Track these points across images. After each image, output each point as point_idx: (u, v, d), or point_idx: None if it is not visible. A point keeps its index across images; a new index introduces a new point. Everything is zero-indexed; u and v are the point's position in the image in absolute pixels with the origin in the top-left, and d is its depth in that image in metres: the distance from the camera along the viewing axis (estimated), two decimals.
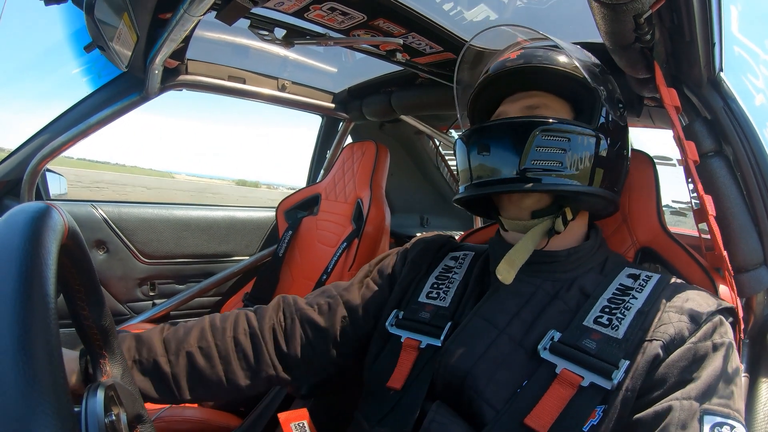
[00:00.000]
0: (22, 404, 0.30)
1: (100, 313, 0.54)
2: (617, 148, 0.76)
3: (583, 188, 0.71)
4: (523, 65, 0.78)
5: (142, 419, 0.56)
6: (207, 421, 1.34)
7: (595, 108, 0.74)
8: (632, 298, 0.66)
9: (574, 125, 0.72)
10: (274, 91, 1.94)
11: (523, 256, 0.71)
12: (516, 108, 0.79)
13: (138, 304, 1.92)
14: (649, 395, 0.58)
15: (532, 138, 0.69)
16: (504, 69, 0.79)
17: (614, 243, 0.91)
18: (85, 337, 0.54)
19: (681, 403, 0.54)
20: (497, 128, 0.75)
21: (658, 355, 0.58)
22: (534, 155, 0.69)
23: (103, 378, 0.55)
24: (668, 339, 0.59)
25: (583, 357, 0.61)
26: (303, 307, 0.86)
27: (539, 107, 0.77)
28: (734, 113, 0.85)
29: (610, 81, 0.80)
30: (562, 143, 0.70)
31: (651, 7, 0.64)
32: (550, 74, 0.77)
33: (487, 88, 0.84)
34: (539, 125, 0.70)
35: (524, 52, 0.80)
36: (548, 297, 0.71)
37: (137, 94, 1.63)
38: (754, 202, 0.85)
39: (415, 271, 0.87)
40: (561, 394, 0.59)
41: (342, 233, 1.78)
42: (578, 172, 0.71)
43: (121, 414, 0.50)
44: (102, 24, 1.25)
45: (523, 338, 0.67)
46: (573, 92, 0.78)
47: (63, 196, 1.91)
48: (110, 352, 0.56)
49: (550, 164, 0.70)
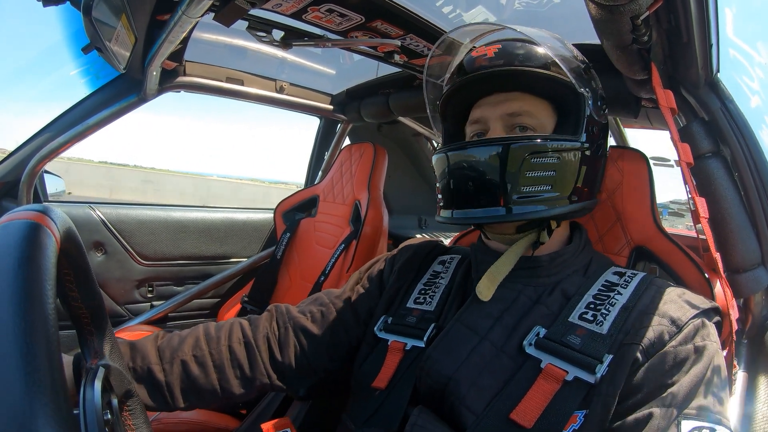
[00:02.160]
0: (23, 405, 0.30)
1: (88, 292, 0.54)
2: (600, 152, 0.74)
3: (570, 207, 0.69)
4: (504, 68, 0.72)
5: (130, 394, 0.57)
6: (205, 423, 1.33)
7: (581, 113, 0.71)
8: (617, 294, 0.66)
9: (562, 141, 0.68)
10: (272, 93, 1.94)
11: (505, 271, 0.70)
12: (496, 115, 0.74)
13: (136, 306, 1.92)
14: (629, 401, 0.57)
15: (521, 164, 0.66)
16: (483, 70, 0.73)
17: (608, 242, 0.91)
18: (74, 317, 0.54)
19: (661, 410, 0.54)
20: (484, 151, 0.69)
21: (637, 359, 0.58)
22: (523, 182, 0.66)
23: (93, 361, 0.55)
24: (647, 343, 0.58)
25: (568, 352, 0.61)
26: (296, 315, 0.86)
27: (521, 114, 0.72)
28: (732, 114, 0.85)
29: (593, 79, 0.76)
30: (551, 163, 0.67)
31: (648, 8, 0.64)
32: (533, 76, 0.72)
33: (462, 88, 0.78)
34: (529, 150, 0.66)
35: (503, 50, 0.73)
36: (530, 302, 0.70)
37: (135, 96, 1.63)
38: (752, 203, 0.85)
39: (402, 279, 0.87)
40: (546, 388, 0.60)
41: (340, 235, 1.78)
42: (567, 192, 0.69)
43: (113, 400, 0.51)
44: (100, 25, 1.25)
45: (504, 344, 0.67)
46: (555, 93, 0.73)
47: (61, 197, 1.91)
48: (98, 329, 0.56)
49: (538, 189, 0.67)
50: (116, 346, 0.60)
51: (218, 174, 73.19)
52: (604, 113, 0.76)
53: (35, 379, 0.31)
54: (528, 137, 0.69)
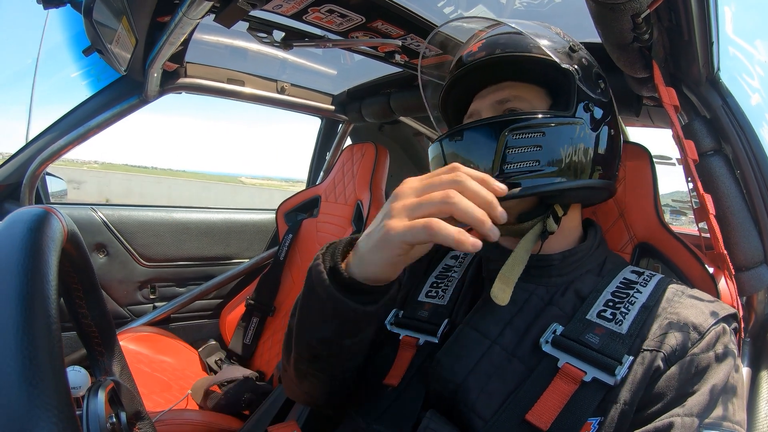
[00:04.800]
0: (25, 407, 0.30)
1: (98, 311, 0.54)
2: (602, 129, 0.71)
3: (568, 184, 0.66)
4: (486, 58, 0.72)
5: (140, 416, 0.57)
6: (208, 423, 1.34)
7: (571, 90, 0.69)
8: (636, 292, 0.65)
9: (546, 116, 0.66)
10: (273, 94, 1.94)
11: (518, 270, 0.67)
12: (486, 104, 0.74)
13: (138, 307, 1.93)
14: (648, 409, 0.55)
15: (501, 140, 0.64)
16: (466, 65, 0.75)
17: (611, 238, 0.90)
18: (84, 335, 0.55)
19: (683, 420, 0.52)
20: (465, 133, 0.68)
21: (659, 368, 0.56)
22: (507, 158, 0.64)
23: (102, 377, 0.55)
24: (669, 350, 0.57)
25: (586, 351, 0.59)
26: None
27: (510, 100, 0.71)
28: (733, 112, 0.84)
29: (584, 57, 0.73)
30: (535, 139, 0.65)
31: (649, 6, 0.64)
32: (518, 62, 0.72)
33: (455, 86, 0.79)
34: (507, 125, 0.65)
35: (485, 42, 0.74)
36: (542, 303, 0.68)
37: (136, 98, 1.64)
38: (754, 201, 0.85)
39: (415, 276, 0.86)
40: (563, 389, 0.58)
41: (342, 235, 1.77)
42: (561, 166, 0.65)
43: (121, 413, 0.50)
44: (101, 27, 1.26)
45: (516, 347, 0.65)
46: (546, 77, 0.72)
47: (63, 199, 1.92)
48: (108, 349, 0.56)
49: (526, 165, 0.64)
50: (126, 368, 0.60)
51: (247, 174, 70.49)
52: (601, 90, 0.73)
53: (37, 381, 0.31)
54: (508, 115, 0.69)
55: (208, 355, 1.87)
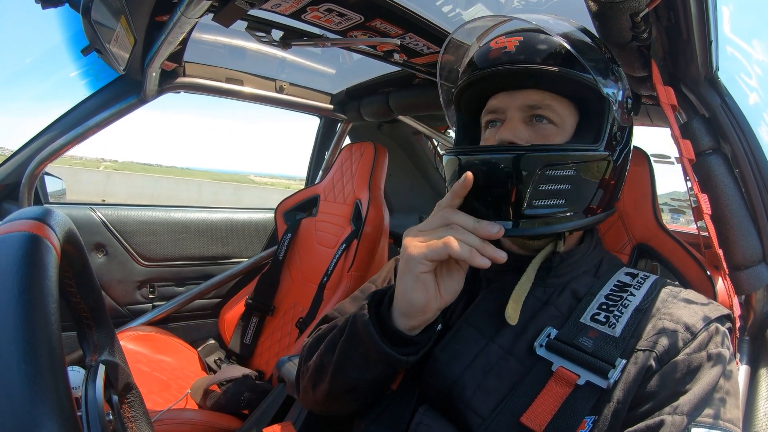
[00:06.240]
0: (26, 407, 0.30)
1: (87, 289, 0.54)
2: (622, 158, 0.70)
3: (580, 223, 0.66)
4: (525, 66, 0.67)
5: (129, 387, 0.58)
6: (207, 423, 1.34)
7: (604, 119, 0.67)
8: (630, 295, 0.65)
9: (582, 150, 0.65)
10: (272, 93, 1.94)
11: (527, 288, 0.68)
12: (515, 105, 0.69)
13: (138, 307, 1.92)
14: (640, 407, 0.56)
15: (534, 176, 0.61)
16: (503, 65, 0.68)
17: (610, 240, 0.91)
18: (73, 311, 0.55)
19: (673, 418, 0.53)
20: (496, 159, 0.63)
21: (651, 367, 0.57)
22: (535, 196, 0.62)
23: (93, 357, 0.55)
24: (661, 350, 0.58)
25: (580, 355, 0.60)
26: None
27: (541, 108, 0.68)
28: (732, 111, 0.85)
29: (621, 78, 0.70)
30: (567, 176, 0.63)
31: (647, 5, 0.64)
32: (555, 76, 0.67)
33: (480, 80, 0.73)
34: (544, 162, 0.61)
35: (524, 44, 0.68)
36: (539, 303, 0.69)
37: (135, 97, 1.64)
38: (753, 200, 0.85)
39: None
40: (557, 392, 0.59)
41: (341, 234, 1.78)
42: (583, 207, 0.66)
43: (113, 396, 0.52)
44: (99, 27, 1.25)
45: (512, 346, 0.66)
46: (579, 93, 0.69)
47: (62, 198, 1.92)
48: (97, 323, 0.57)
49: (551, 203, 0.63)
50: (115, 339, 0.60)
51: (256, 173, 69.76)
52: (630, 115, 0.71)
53: (39, 382, 0.31)
54: (544, 147, 0.65)
55: (207, 354, 1.87)
